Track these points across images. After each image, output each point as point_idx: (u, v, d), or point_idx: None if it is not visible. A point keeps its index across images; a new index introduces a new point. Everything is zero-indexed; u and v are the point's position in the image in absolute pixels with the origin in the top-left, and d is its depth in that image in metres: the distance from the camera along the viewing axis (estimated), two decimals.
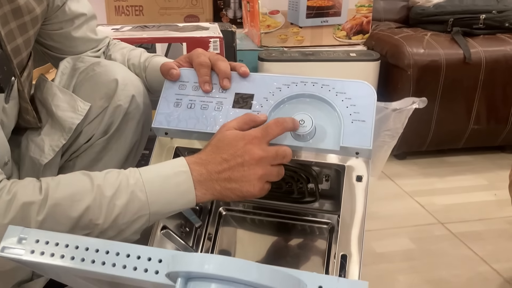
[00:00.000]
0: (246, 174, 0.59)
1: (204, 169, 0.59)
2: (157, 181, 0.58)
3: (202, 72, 0.71)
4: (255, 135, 0.61)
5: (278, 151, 0.62)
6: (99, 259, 0.43)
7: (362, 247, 0.62)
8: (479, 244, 1.15)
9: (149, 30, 1.17)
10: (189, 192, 0.59)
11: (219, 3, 2.08)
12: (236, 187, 0.60)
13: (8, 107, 0.68)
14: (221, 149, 0.60)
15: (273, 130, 0.62)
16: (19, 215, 0.52)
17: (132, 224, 0.57)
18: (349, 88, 0.69)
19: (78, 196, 0.54)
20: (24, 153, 0.74)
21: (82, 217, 0.54)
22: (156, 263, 0.42)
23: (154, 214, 0.58)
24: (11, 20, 0.65)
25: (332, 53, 1.58)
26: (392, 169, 1.59)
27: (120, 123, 0.77)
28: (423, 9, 1.80)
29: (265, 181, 0.62)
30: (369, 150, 0.66)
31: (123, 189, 0.56)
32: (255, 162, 0.60)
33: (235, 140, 0.61)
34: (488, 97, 1.57)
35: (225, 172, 0.60)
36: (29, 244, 0.44)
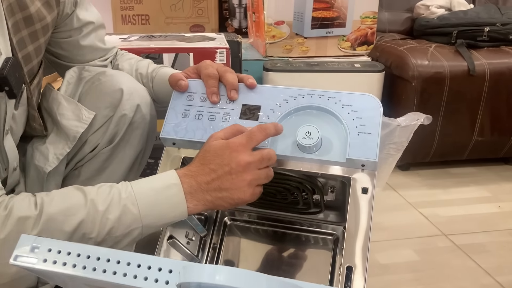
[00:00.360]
0: (235, 181, 0.61)
1: (194, 181, 0.60)
2: (149, 195, 0.59)
3: (210, 84, 0.72)
4: (239, 142, 0.62)
5: (263, 154, 0.63)
6: (110, 269, 0.43)
7: (367, 259, 0.62)
8: (482, 256, 1.15)
9: (156, 40, 1.18)
10: (180, 204, 0.59)
11: (224, 13, 2.10)
12: (227, 196, 0.61)
13: (17, 114, 0.69)
14: (208, 160, 0.61)
15: (256, 136, 0.63)
16: (15, 229, 0.52)
17: (126, 237, 0.58)
18: (355, 101, 0.69)
19: (72, 210, 0.55)
20: (29, 162, 0.75)
21: (76, 231, 0.55)
22: (167, 274, 0.42)
23: (147, 227, 0.59)
24: (23, 28, 0.67)
25: (336, 63, 1.59)
26: (396, 180, 1.59)
27: (125, 132, 0.78)
28: (427, 21, 1.81)
29: (255, 186, 0.63)
30: (375, 163, 0.66)
31: (115, 203, 0.57)
32: (242, 168, 0.61)
33: (220, 150, 0.62)
34: (492, 109, 1.58)
35: (214, 182, 0.61)
36: (42, 253, 0.45)
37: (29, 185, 0.75)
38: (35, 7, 0.68)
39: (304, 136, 0.67)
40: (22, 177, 0.75)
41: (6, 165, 0.68)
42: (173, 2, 1.93)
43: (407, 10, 2.02)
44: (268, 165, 0.64)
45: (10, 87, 0.60)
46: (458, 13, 1.76)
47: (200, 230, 0.84)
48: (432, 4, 1.89)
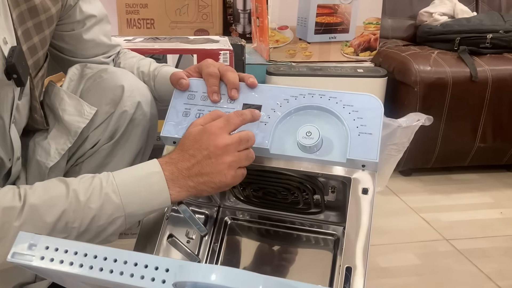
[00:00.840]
0: (215, 165, 0.61)
1: (175, 168, 0.61)
2: (130, 183, 0.59)
3: (211, 82, 0.72)
4: (217, 125, 0.63)
5: (241, 135, 0.63)
6: (107, 267, 0.43)
7: (367, 260, 0.62)
8: (484, 261, 1.15)
9: (160, 42, 1.19)
10: (163, 192, 0.60)
11: (229, 18, 2.11)
12: (208, 180, 0.61)
13: (20, 104, 0.69)
14: (187, 146, 0.62)
15: (234, 120, 0.64)
16: (0, 221, 0.53)
17: (109, 226, 0.59)
18: (357, 101, 0.70)
19: (54, 201, 0.56)
20: (31, 156, 0.76)
21: (59, 221, 0.56)
22: (164, 272, 0.42)
23: (130, 216, 0.59)
24: (28, 19, 0.67)
25: (339, 68, 1.60)
26: (398, 185, 1.59)
27: (126, 129, 0.78)
28: (430, 28, 1.82)
29: (236, 168, 0.63)
30: (376, 163, 0.66)
31: (97, 193, 0.57)
32: (220, 151, 0.61)
33: (198, 135, 0.62)
34: (494, 115, 1.58)
35: (195, 167, 0.61)
36: (39, 251, 0.45)
37: (30, 180, 0.75)
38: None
39: (305, 136, 0.68)
40: (23, 172, 0.75)
41: (10, 154, 0.69)
42: (178, 7, 1.95)
43: (410, 17, 2.03)
44: (247, 146, 0.64)
45: (18, 75, 0.61)
46: (461, 20, 1.77)
47: (200, 229, 0.84)
48: (435, 12, 1.90)
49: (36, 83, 0.73)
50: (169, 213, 0.71)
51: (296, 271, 0.82)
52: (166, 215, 0.69)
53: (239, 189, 0.82)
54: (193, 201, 0.85)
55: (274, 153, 0.69)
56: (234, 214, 0.87)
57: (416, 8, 2.00)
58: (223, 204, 0.90)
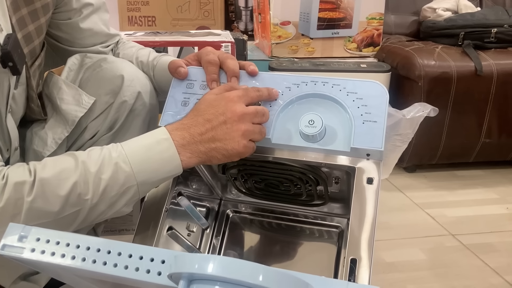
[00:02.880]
0: (229, 131, 0.61)
1: (187, 133, 0.60)
2: (140, 152, 0.59)
3: (210, 70, 0.71)
4: (235, 94, 0.63)
5: (257, 108, 0.64)
6: (100, 259, 0.42)
7: (372, 251, 0.60)
8: (491, 256, 1.13)
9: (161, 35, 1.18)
10: (173, 158, 0.59)
11: (230, 15, 2.10)
12: (220, 146, 0.61)
13: (16, 93, 0.68)
14: (203, 111, 0.62)
15: (251, 93, 0.65)
16: (12, 195, 0.53)
17: (122, 196, 0.58)
18: (361, 88, 0.68)
19: (64, 174, 0.55)
20: (28, 146, 0.75)
21: (71, 194, 0.55)
22: (159, 264, 0.41)
23: (142, 184, 0.59)
24: (22, 6, 0.66)
25: (342, 64, 1.58)
26: (402, 181, 1.57)
27: (125, 119, 0.77)
28: (434, 23, 1.80)
29: (249, 139, 0.63)
30: (381, 152, 0.65)
31: (106, 163, 0.57)
32: (237, 118, 0.61)
33: (216, 101, 0.62)
34: (499, 110, 1.56)
35: (208, 132, 0.61)
36: (30, 243, 0.44)
37: None
38: None
39: (307, 124, 0.66)
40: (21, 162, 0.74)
41: (8, 145, 0.68)
42: (180, 4, 1.94)
43: (413, 13, 2.02)
44: (261, 121, 0.64)
45: (14, 63, 0.60)
46: (465, 15, 1.75)
47: (201, 222, 0.83)
48: (439, 7, 1.88)
49: (33, 72, 0.72)
50: (168, 205, 0.69)
51: (300, 264, 0.81)
52: (166, 207, 0.68)
53: (241, 181, 0.80)
54: (195, 194, 0.84)
55: (276, 142, 0.67)
56: (236, 206, 0.86)
57: (419, 4, 1.99)
58: (224, 197, 0.88)
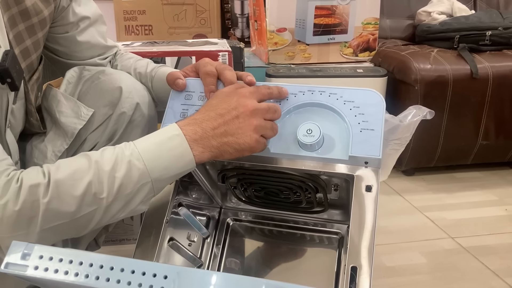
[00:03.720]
0: (242, 125, 0.62)
1: (199, 127, 0.61)
2: (152, 148, 0.59)
3: (208, 82, 0.71)
4: (247, 90, 0.65)
5: (269, 104, 0.65)
6: (103, 275, 0.42)
7: (372, 258, 0.61)
8: (491, 258, 1.13)
9: (159, 45, 1.19)
10: (186, 154, 0.60)
11: (227, 23, 2.11)
12: (233, 140, 0.62)
13: (15, 108, 0.69)
14: (215, 106, 0.63)
15: (263, 90, 0.67)
16: (28, 198, 0.53)
17: (137, 193, 0.58)
18: (357, 97, 0.69)
19: (78, 174, 0.56)
20: (29, 159, 0.75)
21: (86, 194, 0.55)
22: (162, 280, 0.41)
23: (156, 181, 0.59)
24: (19, 22, 0.67)
25: (339, 69, 1.59)
26: (401, 185, 1.58)
27: (124, 130, 0.78)
28: (429, 27, 1.81)
29: (261, 135, 0.64)
30: (379, 159, 0.65)
31: (119, 161, 0.57)
32: (249, 113, 0.62)
33: (228, 96, 0.64)
34: (496, 112, 1.57)
35: (221, 127, 0.61)
36: (33, 260, 0.44)
37: None
38: (31, 1, 0.68)
39: (305, 134, 0.67)
40: None
41: None
42: (176, 12, 1.95)
43: (408, 17, 2.03)
44: (273, 118, 0.66)
45: (12, 79, 0.60)
46: (460, 18, 1.77)
47: (202, 232, 0.83)
48: (434, 11, 1.89)
49: (31, 87, 0.72)
50: (169, 216, 0.70)
51: (300, 271, 0.81)
52: (166, 218, 0.68)
53: (240, 190, 0.81)
54: (195, 203, 0.84)
55: (275, 152, 0.68)
56: (236, 215, 0.87)
57: (414, 7, 2.00)
58: (224, 205, 0.89)
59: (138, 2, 1.92)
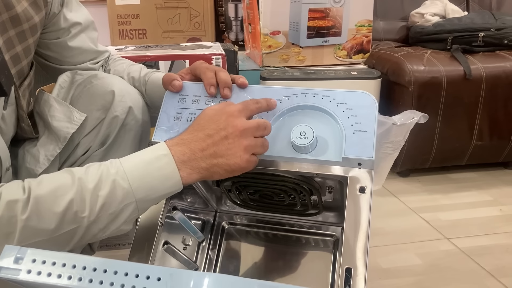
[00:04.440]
0: (231, 146, 0.60)
1: (187, 148, 0.59)
2: (138, 168, 0.58)
3: (208, 75, 0.71)
4: (236, 108, 0.62)
5: (259, 122, 0.63)
6: (97, 278, 0.42)
7: (367, 259, 0.61)
8: (486, 259, 1.14)
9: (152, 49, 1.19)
10: (173, 175, 0.58)
11: (221, 26, 2.12)
12: (223, 162, 0.60)
13: (6, 114, 0.68)
14: (203, 126, 0.61)
15: (251, 106, 0.64)
16: (5, 214, 0.52)
17: (121, 213, 0.57)
18: (350, 99, 0.69)
19: (60, 191, 0.54)
20: (21, 164, 0.75)
21: (67, 211, 0.54)
22: (155, 282, 0.41)
23: (141, 201, 0.58)
24: (10, 28, 0.66)
25: (333, 71, 1.60)
26: (396, 186, 1.58)
27: (117, 134, 0.77)
28: (422, 28, 1.82)
29: (251, 153, 0.62)
30: (372, 161, 0.66)
31: (104, 179, 0.56)
32: (239, 133, 0.60)
33: (216, 115, 0.61)
34: (490, 113, 1.57)
35: (210, 148, 0.60)
36: (26, 264, 0.44)
37: None
38: (21, 7, 0.67)
39: (299, 136, 0.67)
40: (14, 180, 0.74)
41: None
42: (170, 16, 1.95)
43: (401, 18, 2.04)
44: (263, 134, 0.64)
45: (1, 85, 0.60)
46: (453, 20, 1.78)
47: (197, 235, 0.83)
48: (427, 12, 1.91)
49: (23, 92, 0.72)
50: (163, 220, 0.69)
51: (296, 274, 0.81)
52: (161, 222, 0.68)
53: (235, 193, 0.81)
54: (189, 207, 0.84)
55: (269, 154, 0.68)
56: (231, 218, 0.86)
57: (407, 9, 2.01)
58: (219, 209, 0.89)
59: (132, 6, 1.92)
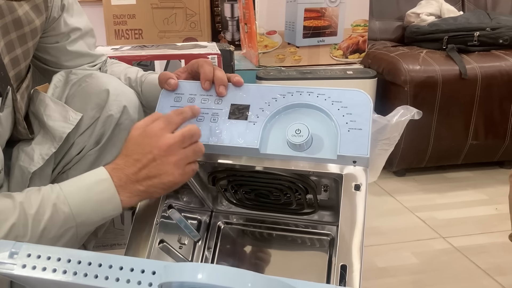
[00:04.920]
0: (161, 167, 0.61)
1: (122, 174, 0.60)
2: (79, 192, 0.59)
3: (206, 70, 0.71)
4: (157, 126, 0.62)
5: (183, 132, 0.62)
6: (91, 272, 0.43)
7: (362, 256, 0.61)
8: (481, 257, 1.14)
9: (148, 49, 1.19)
10: (113, 199, 0.59)
11: (217, 26, 2.12)
12: (157, 182, 0.61)
13: (2, 116, 0.68)
14: (131, 151, 0.62)
15: (174, 119, 0.64)
16: None
17: (61, 238, 0.58)
18: (345, 97, 0.69)
19: (2, 215, 0.55)
20: (14, 163, 0.75)
21: (8, 236, 0.55)
22: (150, 275, 0.41)
23: (81, 225, 0.59)
24: (12, 30, 0.66)
25: (329, 71, 1.60)
26: (392, 185, 1.59)
27: (112, 133, 0.77)
28: (417, 28, 1.83)
29: (185, 165, 0.62)
30: (367, 158, 0.66)
31: (45, 204, 0.57)
32: (164, 152, 0.61)
33: (139, 138, 0.62)
34: (485, 112, 1.58)
35: (141, 171, 0.60)
36: (21, 259, 0.44)
37: (12, 187, 0.74)
38: (23, 10, 0.68)
39: (294, 134, 0.67)
40: (6, 180, 0.74)
41: None
42: (166, 16, 1.95)
43: (397, 18, 2.04)
44: (192, 142, 0.64)
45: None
46: (448, 20, 1.78)
47: (193, 235, 0.83)
48: (422, 12, 1.91)
49: (21, 95, 0.72)
50: (159, 218, 0.69)
51: (291, 272, 0.81)
52: (156, 221, 0.68)
53: (231, 192, 0.80)
54: (185, 206, 0.84)
55: (264, 152, 0.68)
56: (227, 218, 0.86)
57: (403, 9, 2.02)
58: (215, 209, 0.89)
59: (128, 6, 1.92)
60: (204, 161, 0.69)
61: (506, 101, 1.58)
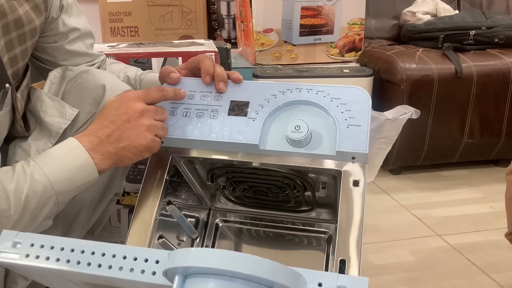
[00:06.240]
0: (134, 127, 0.63)
1: (94, 137, 0.62)
2: (54, 162, 0.60)
3: (207, 64, 0.72)
4: (134, 94, 0.65)
5: (156, 107, 0.66)
6: (95, 262, 0.43)
7: (360, 251, 0.61)
8: (477, 255, 1.15)
9: (144, 47, 1.18)
10: (87, 163, 0.61)
11: (213, 24, 2.11)
12: (129, 144, 0.63)
13: (1, 115, 0.68)
14: (105, 114, 0.64)
15: (153, 93, 0.66)
16: None
17: (42, 208, 0.60)
18: (344, 94, 0.69)
19: None
20: (10, 159, 0.74)
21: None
22: (153, 264, 0.42)
23: (61, 194, 0.60)
24: (13, 30, 0.67)
25: (325, 69, 1.60)
26: (388, 183, 1.59)
27: None
28: (414, 26, 1.83)
29: (154, 134, 0.65)
30: (365, 154, 0.66)
31: (22, 178, 0.58)
32: (138, 114, 0.63)
33: (116, 102, 0.65)
34: (480, 111, 1.59)
35: (114, 133, 0.62)
36: (24, 248, 0.44)
37: None
38: (23, 10, 0.68)
39: (294, 130, 0.67)
40: None
41: None
42: (162, 14, 1.94)
43: (393, 17, 2.05)
44: (162, 119, 0.67)
45: None
46: (444, 18, 1.79)
47: (191, 232, 0.83)
48: (418, 11, 1.92)
49: (21, 93, 0.72)
50: (158, 215, 0.69)
51: None
52: (155, 216, 0.68)
53: (230, 190, 0.80)
54: (184, 204, 0.84)
55: (263, 148, 0.68)
56: (225, 216, 0.86)
57: (399, 8, 2.02)
58: (213, 207, 0.89)
59: (124, 4, 1.91)
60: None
61: (501, 100, 1.59)
